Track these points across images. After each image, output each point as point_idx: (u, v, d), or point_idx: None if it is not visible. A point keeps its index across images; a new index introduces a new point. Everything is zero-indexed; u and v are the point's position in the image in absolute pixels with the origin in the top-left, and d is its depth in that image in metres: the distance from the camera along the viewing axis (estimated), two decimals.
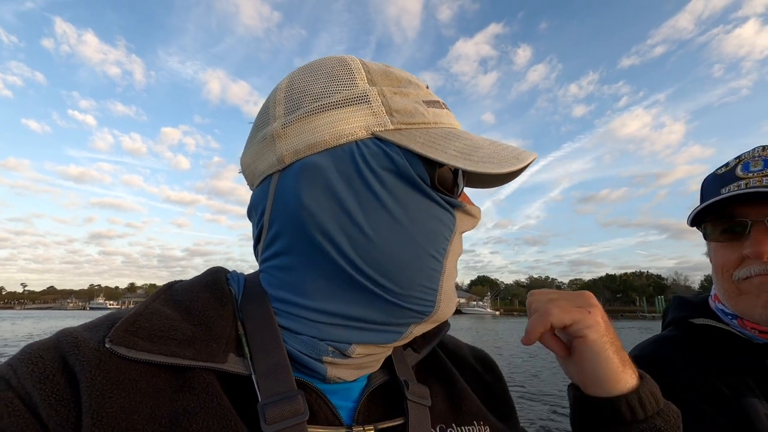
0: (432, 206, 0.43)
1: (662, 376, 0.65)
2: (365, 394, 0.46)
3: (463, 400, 0.53)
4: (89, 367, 0.36)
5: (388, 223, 0.42)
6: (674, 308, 0.89)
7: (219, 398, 0.38)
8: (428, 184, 0.43)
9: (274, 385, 0.40)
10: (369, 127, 0.43)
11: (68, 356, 0.37)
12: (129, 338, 0.38)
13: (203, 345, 0.40)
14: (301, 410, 0.39)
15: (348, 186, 0.42)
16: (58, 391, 0.35)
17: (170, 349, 0.39)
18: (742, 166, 0.75)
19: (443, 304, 0.44)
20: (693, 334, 0.80)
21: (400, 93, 0.45)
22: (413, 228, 0.42)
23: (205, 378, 0.39)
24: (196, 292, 0.45)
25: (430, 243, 0.43)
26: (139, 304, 0.43)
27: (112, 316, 0.43)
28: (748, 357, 0.71)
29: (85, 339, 0.38)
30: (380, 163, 0.42)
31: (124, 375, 0.37)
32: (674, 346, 0.79)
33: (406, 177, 0.42)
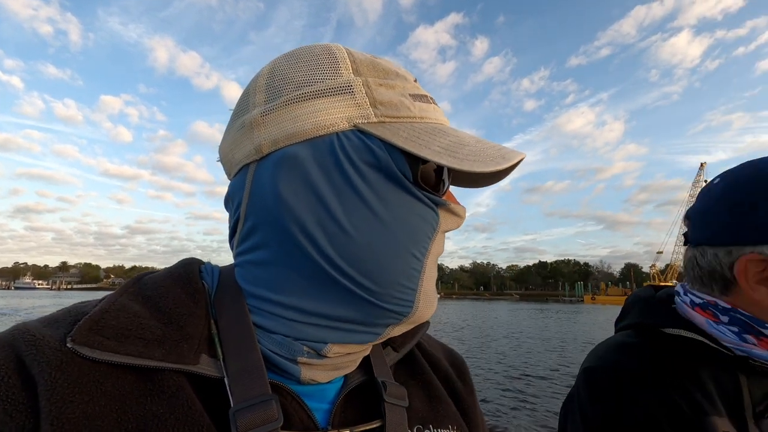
0: (414, 203, 0.42)
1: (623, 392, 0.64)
2: (341, 396, 0.45)
3: (440, 402, 0.53)
4: (49, 368, 0.33)
5: (367, 219, 0.40)
6: (640, 312, 0.79)
7: (190, 403, 0.36)
8: (411, 180, 0.41)
9: (247, 389, 0.38)
10: (351, 118, 0.41)
11: (25, 356, 0.33)
12: (93, 337, 0.35)
13: (174, 345, 0.37)
14: (275, 416, 0.37)
15: (327, 179, 0.40)
16: (13, 394, 0.32)
17: (138, 350, 0.36)
18: None
19: (422, 304, 0.43)
20: (657, 343, 0.72)
21: (386, 85, 0.43)
22: (394, 225, 0.41)
23: (175, 381, 0.36)
24: (167, 287, 0.42)
25: (411, 241, 0.41)
26: (105, 299, 0.40)
27: (74, 309, 0.39)
28: (719, 368, 0.66)
29: (44, 337, 0.35)
30: (361, 157, 0.41)
31: (88, 377, 0.34)
32: (638, 358, 0.70)
33: (388, 172, 0.41)
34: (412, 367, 0.55)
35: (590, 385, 0.70)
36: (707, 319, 0.70)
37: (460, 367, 0.63)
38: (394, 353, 0.53)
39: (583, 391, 0.71)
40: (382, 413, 0.45)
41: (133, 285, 0.42)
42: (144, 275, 0.45)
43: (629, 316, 0.81)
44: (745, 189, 0.65)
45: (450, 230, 0.46)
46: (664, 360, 0.68)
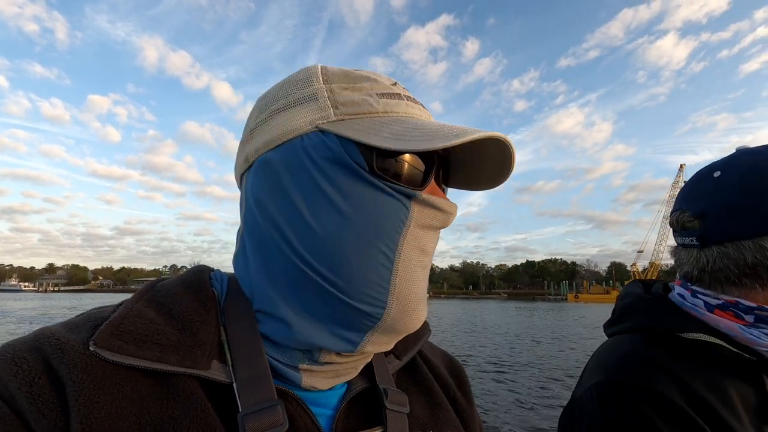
0: (376, 194, 0.42)
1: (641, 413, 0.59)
2: (345, 402, 0.46)
3: (441, 409, 0.54)
4: (75, 370, 0.35)
5: (331, 213, 0.42)
6: (648, 314, 0.73)
7: (203, 406, 0.38)
8: (366, 170, 0.42)
9: (254, 394, 0.40)
10: (314, 121, 0.44)
11: (51, 358, 0.36)
12: (114, 341, 0.37)
13: (188, 351, 0.40)
14: (280, 421, 0.39)
15: (293, 179, 0.43)
16: (43, 394, 0.34)
17: (155, 354, 0.38)
18: None
19: (396, 307, 0.42)
20: (672, 350, 0.66)
21: (352, 88, 0.45)
22: (355, 217, 0.41)
23: (189, 385, 0.39)
24: (180, 294, 0.44)
25: (374, 234, 0.41)
26: (122, 305, 0.42)
27: (92, 315, 0.42)
28: (742, 375, 0.63)
29: (68, 341, 0.37)
30: (321, 154, 0.43)
31: (110, 380, 0.36)
32: (655, 371, 0.63)
33: (344, 164, 0.42)
34: (414, 374, 0.56)
35: (604, 404, 0.64)
36: (738, 324, 0.66)
37: (459, 375, 0.64)
38: (396, 361, 0.54)
39: (596, 409, 0.65)
40: (383, 419, 0.46)
41: (147, 292, 0.44)
42: (157, 282, 0.47)
43: (633, 318, 0.75)
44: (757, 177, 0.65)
45: (433, 226, 0.45)
46: (684, 374, 0.63)
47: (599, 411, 0.64)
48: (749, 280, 0.66)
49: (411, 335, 0.56)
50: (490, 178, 0.50)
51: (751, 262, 0.65)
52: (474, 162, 0.50)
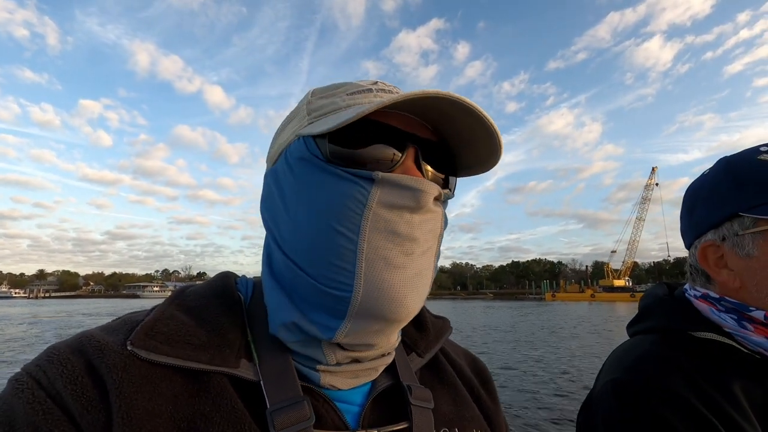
0: (334, 180, 0.44)
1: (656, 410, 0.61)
2: (370, 399, 0.48)
3: (465, 406, 0.56)
4: (115, 369, 0.38)
5: (300, 205, 0.46)
6: (665, 314, 0.77)
7: (233, 403, 0.41)
8: (322, 158, 0.45)
9: (280, 391, 0.42)
10: (295, 131, 0.49)
11: (93, 359, 0.39)
12: (149, 342, 0.40)
13: (217, 350, 0.43)
14: (307, 415, 0.41)
15: (278, 185, 0.49)
16: (87, 392, 0.37)
17: (187, 353, 0.41)
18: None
19: (365, 290, 0.42)
20: (687, 350, 0.69)
21: (327, 95, 0.50)
22: (318, 205, 0.44)
23: (219, 382, 0.42)
24: (208, 298, 0.48)
25: (334, 217, 0.43)
26: (155, 309, 0.45)
27: (128, 319, 0.45)
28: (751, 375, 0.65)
29: (107, 342, 0.40)
30: (294, 155, 0.48)
31: (147, 378, 0.39)
32: (670, 370, 0.66)
33: (307, 159, 0.46)
34: (437, 371, 0.58)
35: (620, 401, 0.66)
36: (710, 307, 0.73)
37: (483, 373, 0.66)
38: (418, 359, 0.56)
39: (612, 405, 0.67)
40: (408, 415, 0.48)
41: (178, 297, 0.48)
42: (186, 287, 0.51)
43: (652, 319, 0.79)
44: (688, 197, 0.80)
45: (402, 206, 0.44)
46: (697, 374, 0.65)
47: (615, 408, 0.66)
48: (699, 278, 0.77)
49: (432, 333, 0.58)
50: (485, 157, 0.51)
51: (693, 265, 0.78)
52: (468, 141, 0.50)
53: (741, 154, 0.74)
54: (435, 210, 0.47)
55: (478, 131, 0.47)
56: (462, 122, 0.46)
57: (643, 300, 0.85)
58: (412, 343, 0.57)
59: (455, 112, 0.44)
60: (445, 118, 0.46)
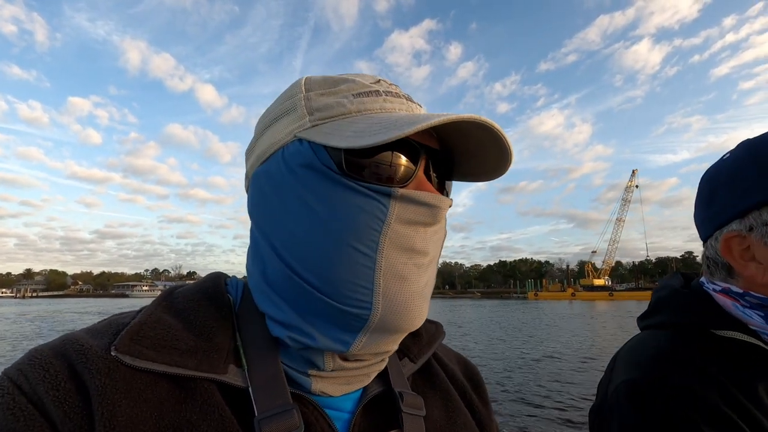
0: (350, 195, 0.42)
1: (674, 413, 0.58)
2: (361, 406, 0.47)
3: (457, 412, 0.54)
4: (98, 375, 0.37)
5: (310, 218, 0.42)
6: (683, 308, 0.72)
7: (221, 410, 0.39)
8: (336, 171, 0.42)
9: (269, 398, 0.41)
10: (293, 131, 0.45)
11: (76, 363, 0.38)
12: (134, 347, 0.39)
13: (205, 356, 0.41)
14: (297, 424, 0.40)
15: (275, 189, 0.45)
16: (69, 398, 0.36)
17: (174, 359, 0.39)
18: None
19: (384, 307, 0.41)
20: (705, 348, 0.65)
21: (328, 93, 0.46)
22: (332, 219, 0.42)
23: (206, 389, 0.40)
24: (197, 300, 0.46)
25: (351, 235, 0.41)
26: (142, 312, 0.44)
27: (114, 321, 0.44)
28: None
29: (91, 346, 0.39)
30: (296, 161, 0.44)
31: (131, 384, 0.37)
32: (688, 370, 0.62)
33: (317, 168, 0.43)
34: (430, 377, 0.57)
35: (635, 402, 0.63)
36: (733, 302, 0.68)
37: (475, 378, 0.64)
38: (411, 364, 0.54)
39: (626, 407, 0.63)
40: (400, 423, 0.46)
41: (166, 299, 0.46)
42: (175, 288, 0.49)
43: (667, 312, 0.74)
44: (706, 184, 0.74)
45: (419, 222, 0.43)
46: (718, 372, 0.61)
47: (631, 412, 0.62)
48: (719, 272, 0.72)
49: (425, 338, 0.57)
50: (492, 168, 0.50)
51: (712, 258, 0.72)
52: (475, 153, 0.49)
53: (763, 137, 0.68)
54: (443, 220, 0.46)
55: (488, 144, 0.46)
56: (474, 135, 0.45)
57: (657, 291, 0.79)
58: (405, 348, 0.55)
59: (471, 128, 0.43)
60: (458, 131, 0.45)
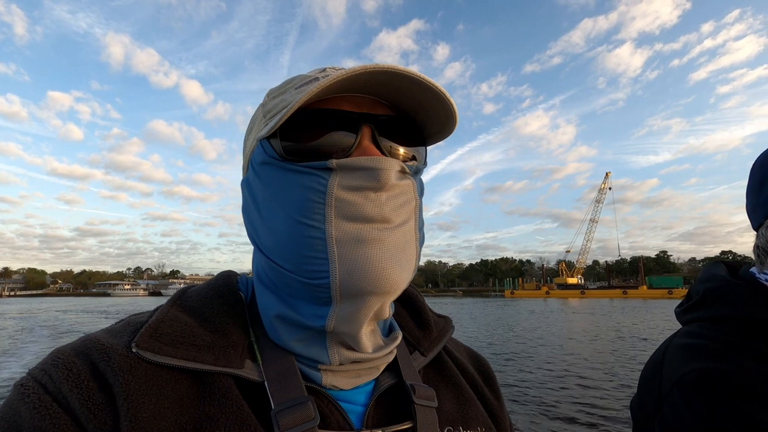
0: (292, 176, 0.45)
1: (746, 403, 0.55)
2: (374, 398, 0.48)
3: (469, 404, 0.55)
4: (121, 372, 0.38)
5: (269, 207, 0.46)
6: (740, 301, 0.66)
7: (238, 404, 0.40)
8: (278, 158, 0.46)
9: (285, 391, 0.42)
10: (255, 137, 0.50)
11: (98, 362, 0.39)
12: (154, 343, 0.40)
13: (222, 351, 0.43)
14: (312, 416, 0.41)
15: (251, 191, 0.50)
16: (93, 395, 0.37)
17: (192, 354, 0.41)
18: None
19: (341, 272, 0.41)
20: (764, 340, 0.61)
21: (278, 93, 0.50)
22: (283, 202, 0.45)
23: (224, 383, 0.41)
24: (210, 298, 0.48)
25: (299, 211, 0.43)
26: (158, 310, 0.45)
27: (131, 321, 0.46)
28: None
29: (112, 345, 0.40)
30: (257, 161, 0.49)
31: (152, 380, 0.39)
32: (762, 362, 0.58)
33: (267, 162, 0.47)
34: (441, 370, 0.58)
35: (705, 391, 0.59)
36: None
37: (486, 371, 0.65)
38: (422, 357, 0.56)
39: (693, 396, 0.60)
40: (412, 415, 0.47)
41: (180, 298, 0.48)
42: (187, 288, 0.51)
43: (720, 306, 0.68)
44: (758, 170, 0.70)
45: (366, 187, 0.43)
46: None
47: (701, 399, 0.59)
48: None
49: (434, 332, 0.58)
50: (442, 126, 0.50)
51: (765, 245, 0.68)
52: (430, 115, 0.49)
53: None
54: (402, 183, 0.46)
55: (432, 100, 0.46)
56: (416, 94, 0.45)
57: (702, 283, 0.74)
58: (415, 341, 0.57)
59: (405, 86, 0.44)
60: (398, 92, 0.45)
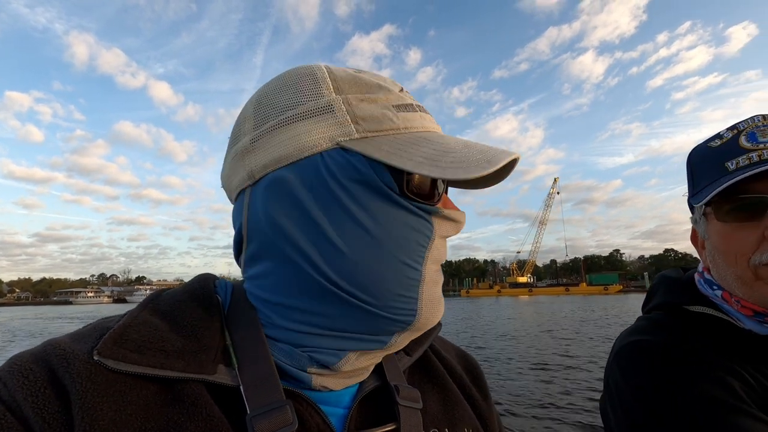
0: (403, 215, 0.43)
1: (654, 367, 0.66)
2: (356, 401, 0.46)
3: (456, 405, 0.54)
4: (80, 380, 0.36)
5: (358, 234, 0.42)
6: (664, 291, 0.82)
7: (209, 410, 0.38)
8: (397, 192, 0.43)
9: (261, 396, 0.40)
10: (333, 137, 0.43)
11: (57, 369, 0.37)
12: (117, 350, 0.38)
13: (193, 356, 0.40)
14: (290, 420, 0.39)
15: (315, 199, 0.43)
16: (49, 404, 0.35)
17: (159, 361, 0.39)
18: (747, 136, 0.68)
19: (425, 311, 0.44)
20: (689, 323, 0.73)
21: (368, 99, 0.45)
22: (384, 238, 0.42)
23: (194, 390, 0.39)
24: (185, 302, 0.45)
25: (403, 252, 0.43)
26: (127, 314, 0.43)
27: (100, 325, 0.43)
28: (754, 350, 0.66)
29: (73, 351, 0.38)
30: (346, 174, 0.42)
31: (114, 388, 0.37)
32: (667, 334, 0.71)
33: (374, 187, 0.42)
34: (427, 370, 0.56)
35: (622, 364, 0.71)
36: (700, 279, 0.78)
37: (474, 370, 0.64)
38: (407, 357, 0.54)
39: (617, 372, 0.71)
40: (396, 416, 0.46)
41: (152, 301, 0.45)
42: (162, 291, 0.48)
43: (655, 297, 0.83)
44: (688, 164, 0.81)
45: (449, 236, 0.47)
46: (692, 336, 0.69)
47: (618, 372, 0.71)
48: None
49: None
50: (484, 181, 0.52)
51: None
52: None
53: (701, 144, 0.77)
54: None
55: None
56: None
57: (653, 281, 0.88)
58: None
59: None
60: None
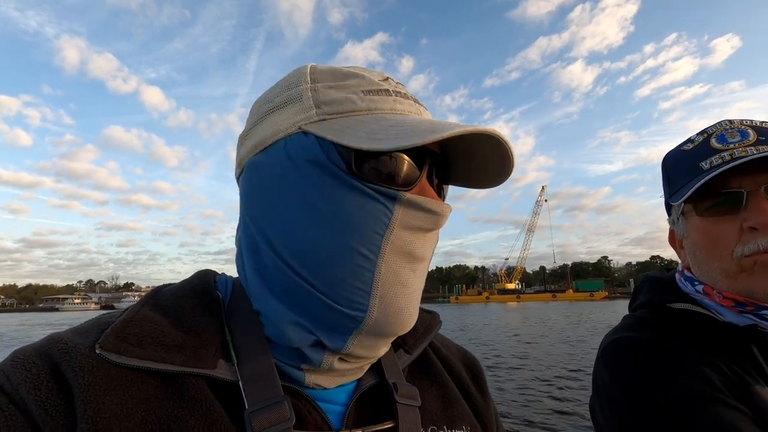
0: (356, 196, 0.41)
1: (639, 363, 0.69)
2: (355, 398, 0.47)
3: (454, 403, 0.54)
4: (82, 373, 0.36)
5: (311, 216, 0.42)
6: (647, 290, 0.85)
7: (209, 404, 0.39)
8: (344, 170, 0.42)
9: (260, 391, 0.41)
10: (297, 122, 0.44)
11: (60, 362, 0.37)
12: (119, 344, 0.39)
13: (193, 351, 0.41)
14: (287, 416, 0.39)
15: (277, 181, 0.44)
16: (52, 397, 0.35)
17: (160, 355, 0.39)
18: (717, 138, 0.74)
19: (378, 310, 0.41)
20: (671, 320, 0.76)
21: (337, 87, 0.45)
22: (334, 219, 0.41)
23: (194, 384, 0.40)
24: (185, 297, 0.46)
25: (355, 237, 0.41)
26: (128, 310, 0.43)
27: (101, 320, 0.43)
28: (733, 342, 0.69)
29: (75, 345, 0.39)
30: (302, 156, 0.43)
31: (116, 381, 0.37)
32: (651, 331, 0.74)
33: (324, 166, 0.42)
34: (426, 368, 0.56)
35: (608, 362, 0.73)
36: (680, 278, 0.82)
37: (474, 368, 0.63)
38: (406, 355, 0.54)
39: (603, 370, 0.74)
40: (394, 414, 0.46)
41: (153, 296, 0.46)
42: (162, 287, 0.49)
43: (640, 296, 0.86)
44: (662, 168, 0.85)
45: (422, 228, 0.44)
46: (674, 332, 0.72)
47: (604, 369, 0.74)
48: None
49: (420, 328, 0.56)
50: (491, 176, 0.49)
51: None
52: (475, 159, 0.48)
53: (674, 149, 0.82)
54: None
55: (489, 152, 0.45)
56: (477, 143, 0.46)
57: (638, 282, 0.91)
58: (400, 339, 0.54)
59: (474, 136, 0.43)
60: (461, 138, 0.43)
